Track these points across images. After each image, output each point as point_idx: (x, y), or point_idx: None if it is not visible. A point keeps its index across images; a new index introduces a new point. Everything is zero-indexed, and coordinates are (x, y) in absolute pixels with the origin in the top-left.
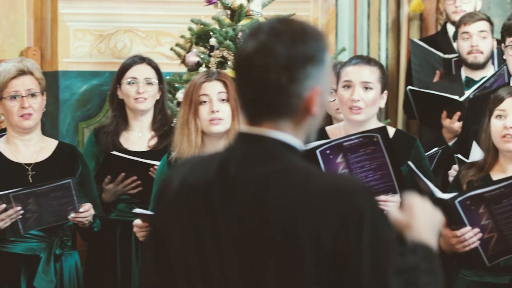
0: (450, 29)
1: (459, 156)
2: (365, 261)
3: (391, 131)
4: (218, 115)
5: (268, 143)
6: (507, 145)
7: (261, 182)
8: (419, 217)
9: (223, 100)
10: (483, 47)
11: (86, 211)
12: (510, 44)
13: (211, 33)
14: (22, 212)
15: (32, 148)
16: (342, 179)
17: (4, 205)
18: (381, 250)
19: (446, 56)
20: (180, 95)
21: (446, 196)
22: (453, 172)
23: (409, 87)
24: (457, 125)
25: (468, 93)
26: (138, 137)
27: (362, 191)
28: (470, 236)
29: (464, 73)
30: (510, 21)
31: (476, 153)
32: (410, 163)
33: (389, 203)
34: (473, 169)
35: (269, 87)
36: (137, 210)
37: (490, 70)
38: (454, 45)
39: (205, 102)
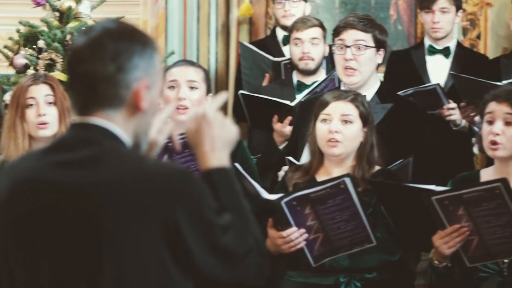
0: (280, 33)
1: (290, 158)
2: (196, 238)
3: None
4: (45, 119)
5: (92, 130)
6: (331, 150)
7: (84, 165)
8: (213, 130)
9: (50, 103)
10: (314, 54)
11: None
12: (337, 42)
13: (39, 35)
14: None
15: None
16: (166, 163)
17: None
18: (208, 222)
19: (275, 59)
20: (7, 97)
21: (273, 197)
22: (282, 173)
23: (241, 91)
24: (288, 129)
25: (299, 97)
26: None
27: (186, 172)
28: (296, 236)
29: (296, 77)
30: (339, 23)
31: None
32: (236, 164)
33: None
34: (299, 172)
35: (98, 76)
36: None
37: (321, 75)
38: (283, 49)
39: (32, 105)
